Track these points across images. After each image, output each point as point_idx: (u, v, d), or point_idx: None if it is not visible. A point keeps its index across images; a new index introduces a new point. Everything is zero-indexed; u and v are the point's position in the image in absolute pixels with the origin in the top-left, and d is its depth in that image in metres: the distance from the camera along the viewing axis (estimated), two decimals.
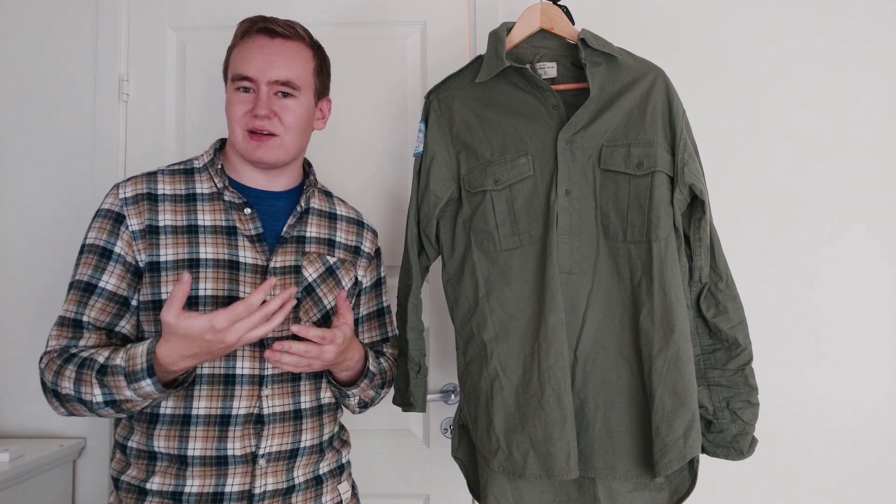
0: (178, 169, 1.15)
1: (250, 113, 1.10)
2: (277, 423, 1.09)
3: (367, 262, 1.29)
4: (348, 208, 1.30)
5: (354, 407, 1.24)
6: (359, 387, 1.18)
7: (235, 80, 1.12)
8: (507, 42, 1.29)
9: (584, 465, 1.19)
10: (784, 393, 1.57)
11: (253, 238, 1.12)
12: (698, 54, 1.62)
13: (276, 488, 1.09)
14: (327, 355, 1.04)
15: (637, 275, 1.18)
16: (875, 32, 1.60)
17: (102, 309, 1.06)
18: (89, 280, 1.06)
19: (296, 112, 1.14)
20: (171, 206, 1.10)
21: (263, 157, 1.12)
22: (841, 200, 1.59)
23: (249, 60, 1.11)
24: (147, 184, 1.11)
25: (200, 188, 1.13)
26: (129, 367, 0.96)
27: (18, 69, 1.67)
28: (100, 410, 0.99)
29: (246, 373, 1.08)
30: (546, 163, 1.23)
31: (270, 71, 1.11)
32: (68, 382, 0.98)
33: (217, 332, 0.92)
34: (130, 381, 0.95)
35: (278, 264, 1.13)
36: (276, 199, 1.18)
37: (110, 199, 1.09)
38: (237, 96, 1.12)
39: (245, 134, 1.11)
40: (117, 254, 1.07)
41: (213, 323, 0.91)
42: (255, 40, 1.13)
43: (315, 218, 1.22)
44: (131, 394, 0.96)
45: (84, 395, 0.97)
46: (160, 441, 1.05)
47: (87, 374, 0.97)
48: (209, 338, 0.92)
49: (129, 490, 1.06)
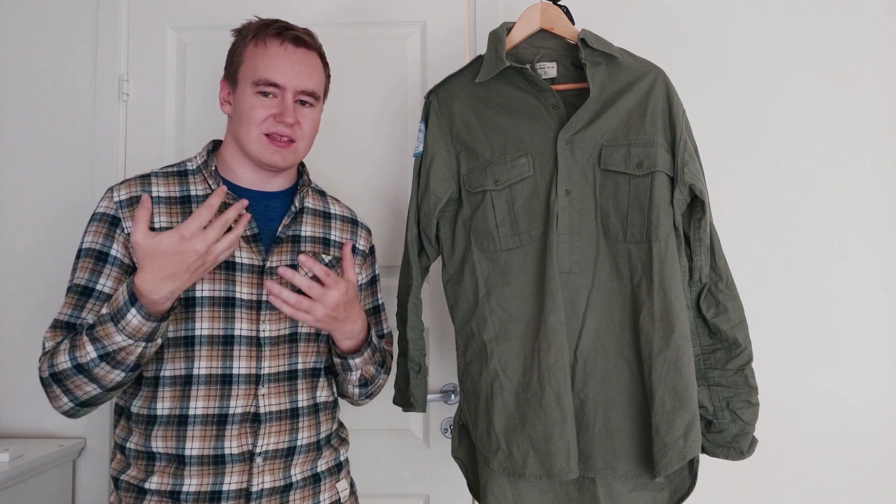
0: (172, 171, 1.16)
1: (273, 118, 1.12)
2: (274, 422, 1.10)
3: (362, 259, 1.29)
4: (342, 207, 1.31)
5: (355, 386, 1.22)
6: (362, 356, 1.18)
7: (260, 83, 1.12)
8: (507, 42, 1.29)
9: (584, 465, 1.19)
10: (784, 393, 1.57)
11: (249, 238, 1.13)
12: (699, 55, 1.62)
13: (274, 486, 1.09)
14: (330, 299, 1.04)
15: (637, 275, 1.18)
16: (882, 38, 1.60)
17: (99, 312, 1.04)
18: (86, 283, 1.06)
19: (313, 120, 1.18)
20: (165, 208, 1.11)
21: (280, 162, 1.14)
22: (842, 202, 1.59)
23: (277, 67, 1.12)
24: (141, 186, 1.12)
25: (195, 190, 1.14)
26: (114, 308, 0.96)
27: (18, 69, 1.67)
28: (96, 370, 0.98)
29: (243, 372, 1.08)
30: (546, 163, 1.23)
31: (298, 80, 1.13)
32: (64, 356, 0.99)
33: (186, 241, 0.94)
34: (117, 321, 0.96)
35: (275, 264, 1.13)
36: (271, 200, 1.19)
37: (105, 203, 1.10)
38: (258, 100, 1.12)
39: (262, 137, 1.12)
40: (113, 257, 1.08)
41: (181, 232, 0.94)
42: (282, 46, 1.14)
43: (310, 217, 1.22)
44: (122, 339, 0.96)
45: (79, 358, 0.98)
46: (158, 441, 1.06)
47: (78, 339, 0.99)
48: (180, 248, 0.94)
49: (128, 489, 1.08)
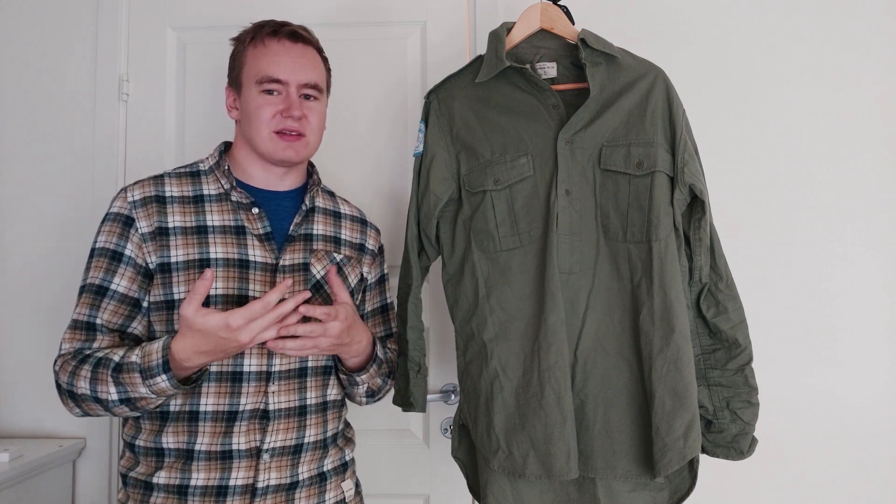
0: (185, 172, 1.18)
1: (280, 114, 1.13)
2: (282, 419, 1.11)
3: (371, 258, 1.31)
4: (351, 207, 1.32)
5: (362, 396, 1.25)
6: (368, 372, 1.20)
7: (263, 82, 1.14)
8: (507, 42, 1.29)
9: (584, 465, 1.19)
10: (784, 393, 1.56)
11: (262, 237, 1.14)
12: (699, 55, 1.62)
13: (280, 483, 1.10)
14: (332, 331, 1.05)
15: (637, 275, 1.18)
16: (882, 38, 1.60)
17: (115, 311, 1.08)
18: (101, 283, 1.08)
19: (320, 113, 1.20)
20: (179, 207, 1.12)
21: (292, 156, 1.15)
22: (842, 202, 1.59)
23: (279, 63, 1.14)
24: (155, 186, 1.13)
25: (207, 189, 1.15)
26: (145, 364, 0.98)
27: (18, 69, 1.67)
28: (115, 408, 1.01)
29: (253, 370, 1.09)
30: (546, 163, 1.23)
31: (300, 74, 1.15)
32: (84, 382, 1.00)
33: (232, 331, 0.94)
34: (146, 378, 0.97)
35: (287, 262, 1.15)
36: (282, 199, 1.20)
37: (119, 203, 1.11)
38: (264, 98, 1.14)
39: (272, 135, 1.14)
40: (128, 256, 1.09)
41: (229, 321, 0.94)
42: (281, 44, 1.16)
43: (321, 216, 1.23)
44: (146, 390, 0.98)
45: (100, 393, 1.00)
46: (169, 437, 1.07)
47: (102, 374, 1.00)
48: (224, 335, 0.95)
49: (136, 485, 1.09)
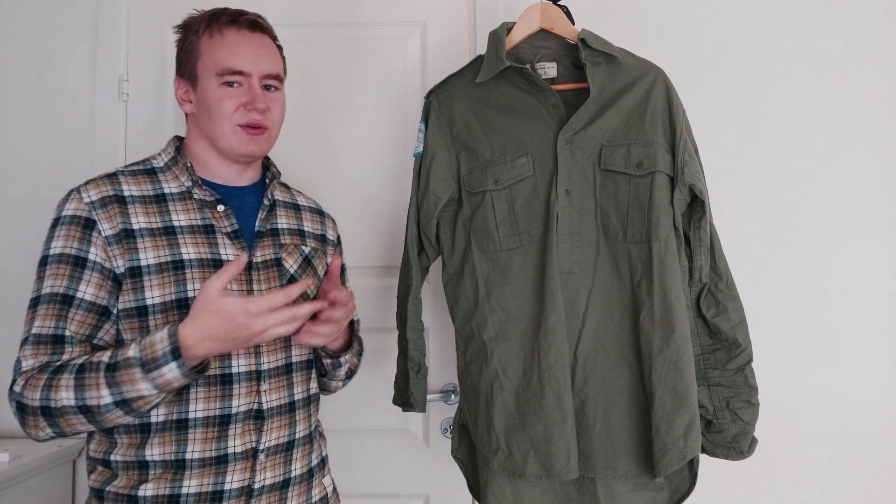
0: (139, 169, 1.12)
1: (244, 107, 1.09)
2: (276, 417, 1.09)
3: (332, 249, 1.29)
4: (307, 198, 1.30)
5: (341, 380, 1.27)
6: (352, 350, 1.23)
7: (224, 74, 1.08)
8: (507, 42, 1.29)
9: (584, 465, 1.19)
10: (784, 393, 1.56)
11: (231, 235, 1.10)
12: (699, 55, 1.62)
13: (274, 482, 1.09)
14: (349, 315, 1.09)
15: (637, 275, 1.18)
16: (882, 38, 1.60)
17: (82, 321, 0.99)
18: (65, 291, 0.98)
19: (281, 104, 1.16)
20: (142, 207, 1.06)
21: (255, 151, 1.11)
22: (842, 202, 1.59)
23: (239, 54, 1.08)
24: (111, 186, 1.06)
25: (168, 188, 1.10)
26: (147, 356, 0.90)
27: (18, 69, 1.67)
28: (107, 414, 0.92)
29: (243, 370, 1.07)
30: (546, 163, 1.23)
31: (262, 64, 1.10)
32: (66, 392, 0.92)
33: (250, 316, 0.90)
34: (149, 370, 0.90)
35: (259, 259, 1.12)
36: (244, 194, 1.16)
37: (73, 205, 1.02)
38: (225, 91, 1.09)
39: (236, 128, 1.09)
40: (92, 261, 1.00)
41: (249, 306, 0.89)
42: (240, 33, 1.11)
43: (282, 210, 1.21)
44: (147, 386, 0.91)
45: (89, 400, 0.91)
46: (154, 450, 1.01)
47: (90, 378, 0.92)
48: (240, 320, 0.90)
49: (117, 500, 1.01)
